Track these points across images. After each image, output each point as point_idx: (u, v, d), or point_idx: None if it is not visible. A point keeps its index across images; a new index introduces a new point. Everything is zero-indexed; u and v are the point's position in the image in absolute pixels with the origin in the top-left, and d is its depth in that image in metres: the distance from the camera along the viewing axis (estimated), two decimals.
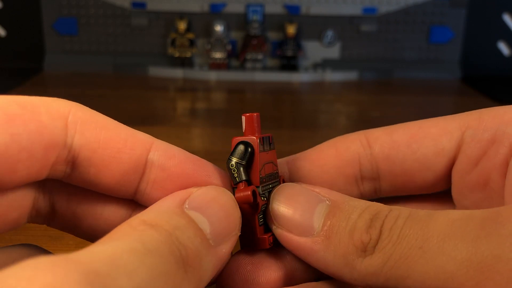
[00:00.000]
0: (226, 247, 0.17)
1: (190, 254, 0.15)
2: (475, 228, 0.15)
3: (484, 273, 0.14)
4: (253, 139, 0.19)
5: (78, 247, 0.12)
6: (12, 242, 0.34)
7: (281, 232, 0.19)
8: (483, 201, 0.20)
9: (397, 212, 0.17)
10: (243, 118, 0.19)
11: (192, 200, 0.17)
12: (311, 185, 0.19)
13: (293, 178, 0.21)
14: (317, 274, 0.20)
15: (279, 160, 0.22)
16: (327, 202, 0.18)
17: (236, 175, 0.19)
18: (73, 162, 0.17)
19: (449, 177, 0.21)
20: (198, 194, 0.17)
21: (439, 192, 0.22)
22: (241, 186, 0.19)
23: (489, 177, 0.20)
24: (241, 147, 0.19)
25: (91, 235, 0.19)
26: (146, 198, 0.19)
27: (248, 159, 0.19)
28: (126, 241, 0.14)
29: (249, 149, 0.19)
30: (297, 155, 0.22)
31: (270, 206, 0.19)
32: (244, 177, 0.19)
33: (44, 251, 0.19)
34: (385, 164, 0.21)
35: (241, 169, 0.19)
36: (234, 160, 0.19)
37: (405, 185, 0.21)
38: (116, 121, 0.18)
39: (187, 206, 0.17)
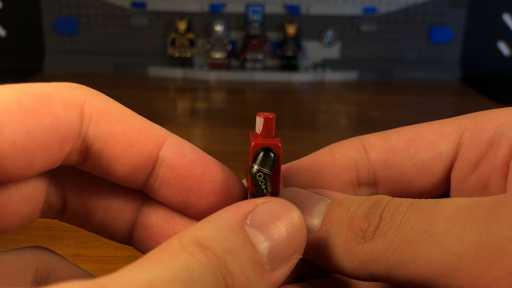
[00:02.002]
0: (283, 272, 0.16)
1: (237, 284, 0.14)
2: (484, 212, 0.15)
3: (495, 254, 0.14)
4: (278, 146, 0.18)
5: (78, 247, 0.12)
6: (12, 242, 0.33)
7: None
8: None
9: (398, 200, 0.17)
10: (261, 119, 0.18)
11: (255, 215, 0.16)
12: (314, 189, 0.19)
13: (287, 185, 0.21)
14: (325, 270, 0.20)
15: None
16: (328, 200, 0.18)
17: (263, 186, 0.18)
18: (86, 152, 0.17)
19: (448, 181, 0.21)
20: (263, 209, 0.16)
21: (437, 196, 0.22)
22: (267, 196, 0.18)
23: (489, 179, 0.19)
24: (267, 155, 0.18)
25: (102, 229, 0.19)
26: (155, 193, 0.19)
27: (273, 168, 0.18)
28: (170, 267, 0.13)
29: (274, 157, 0.18)
30: (292, 163, 0.21)
31: None
32: (270, 188, 0.18)
33: (56, 254, 0.19)
34: (382, 169, 0.20)
35: (268, 179, 0.18)
36: (260, 169, 0.18)
37: (403, 190, 0.21)
38: (132, 112, 0.18)
39: (248, 222, 0.15)
